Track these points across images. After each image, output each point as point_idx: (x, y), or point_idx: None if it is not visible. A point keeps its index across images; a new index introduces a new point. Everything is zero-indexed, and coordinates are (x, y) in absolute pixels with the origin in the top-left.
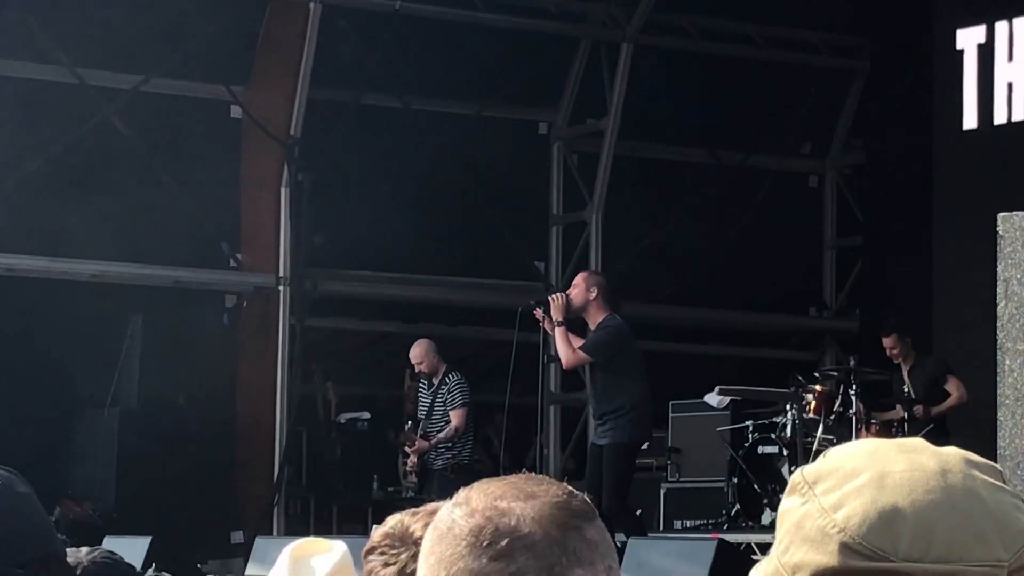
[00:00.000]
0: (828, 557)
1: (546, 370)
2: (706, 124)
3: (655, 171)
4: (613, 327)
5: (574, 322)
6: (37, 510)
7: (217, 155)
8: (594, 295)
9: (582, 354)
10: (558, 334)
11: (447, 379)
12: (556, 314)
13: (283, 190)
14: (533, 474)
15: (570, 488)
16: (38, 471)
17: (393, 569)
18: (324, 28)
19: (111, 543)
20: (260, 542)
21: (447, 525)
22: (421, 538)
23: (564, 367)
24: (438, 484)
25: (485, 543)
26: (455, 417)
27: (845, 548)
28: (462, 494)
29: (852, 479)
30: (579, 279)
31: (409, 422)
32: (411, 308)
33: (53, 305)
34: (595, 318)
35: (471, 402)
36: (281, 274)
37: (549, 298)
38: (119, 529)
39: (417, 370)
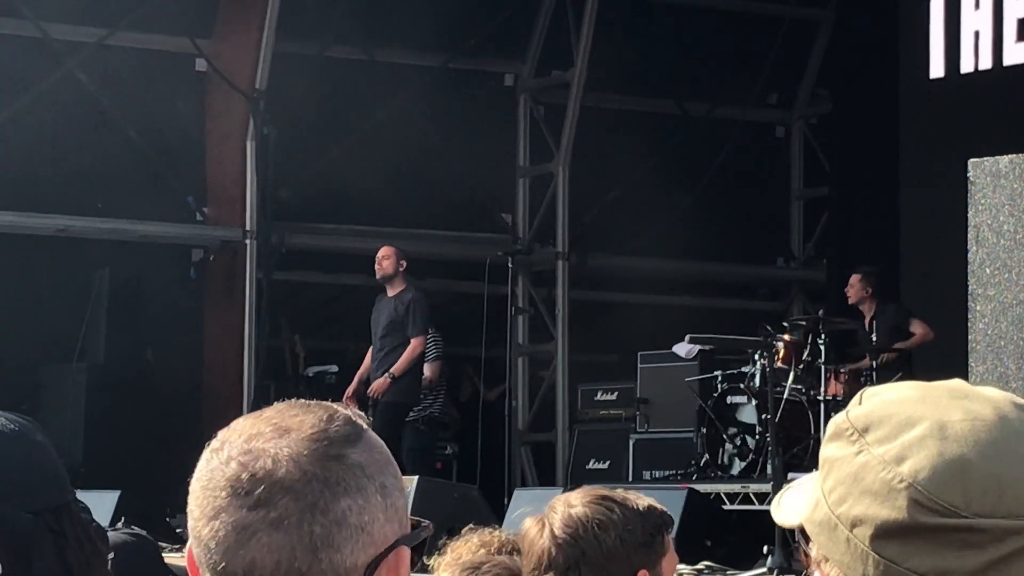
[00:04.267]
0: (896, 512)
1: (514, 322)
2: (672, 75)
3: (622, 122)
4: (423, 299)
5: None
6: (52, 461)
7: (182, 109)
8: (404, 267)
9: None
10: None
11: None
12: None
13: (249, 143)
14: (297, 401)
15: (333, 410)
16: None
17: None
18: None
19: (80, 497)
20: None
21: (207, 476)
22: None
23: (419, 351)
24: (411, 436)
25: (243, 492)
26: (429, 370)
27: (914, 503)
28: (220, 436)
29: (909, 428)
30: (391, 251)
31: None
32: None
33: (19, 260)
34: (397, 288)
35: (444, 356)
36: (247, 228)
37: (384, 263)
38: (87, 483)
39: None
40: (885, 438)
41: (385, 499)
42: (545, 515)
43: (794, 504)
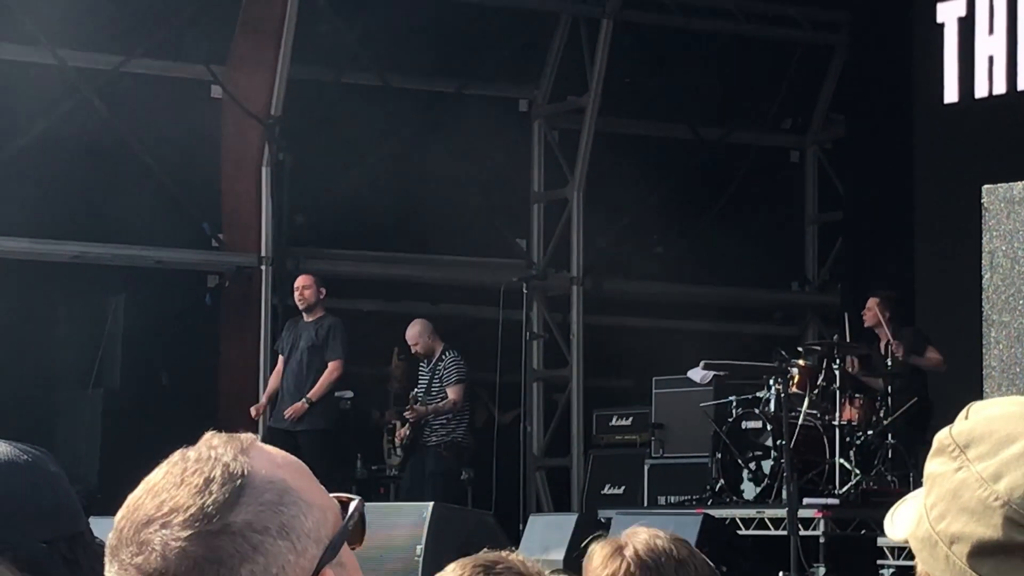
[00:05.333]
0: (992, 530)
1: (529, 347)
2: (687, 100)
3: (636, 147)
4: (342, 324)
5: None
6: (66, 490)
7: (198, 135)
8: (323, 295)
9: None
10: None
11: (444, 356)
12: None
13: (264, 169)
14: (183, 457)
15: (210, 467)
16: None
17: None
18: (304, 7)
19: (96, 524)
20: None
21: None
22: None
23: (337, 376)
24: (432, 461)
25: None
26: (452, 392)
27: (1009, 522)
28: (115, 525)
29: (1007, 445)
30: (310, 280)
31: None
32: (393, 286)
33: (35, 286)
34: (317, 314)
35: (468, 380)
36: (263, 254)
37: (305, 292)
38: (103, 509)
39: (413, 351)
40: (985, 455)
41: (289, 536)
42: (622, 539)
43: (903, 518)
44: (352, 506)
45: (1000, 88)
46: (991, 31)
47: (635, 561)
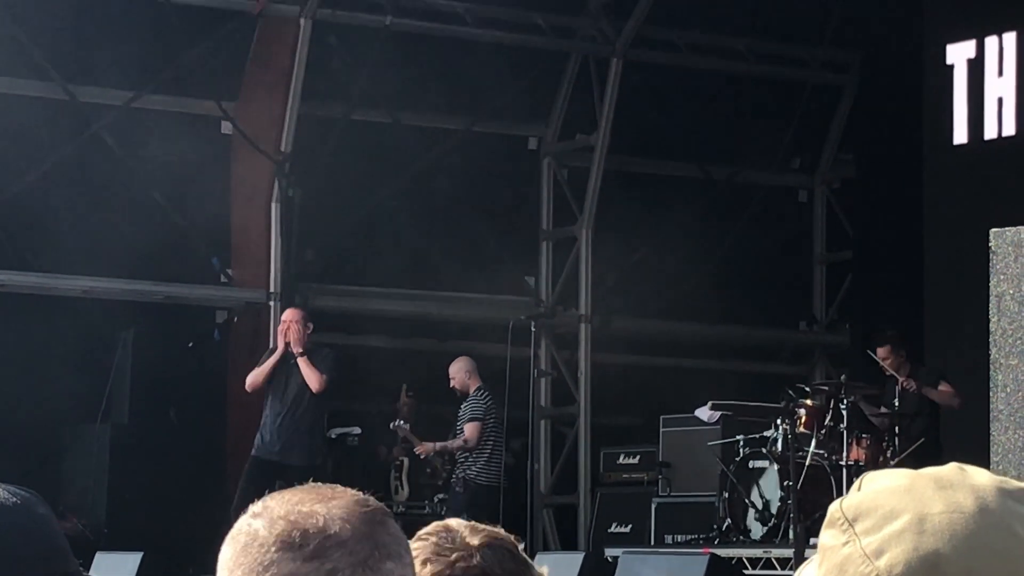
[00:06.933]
0: None
1: (536, 385)
2: (696, 139)
3: (645, 186)
4: (332, 352)
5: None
6: (56, 532)
7: (208, 171)
8: (311, 329)
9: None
10: (302, 362)
11: (474, 395)
12: (299, 346)
13: (274, 205)
14: (323, 484)
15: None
16: (29, 486)
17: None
18: (314, 44)
19: (102, 559)
20: None
21: (249, 536)
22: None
23: (317, 390)
24: (451, 498)
25: (295, 546)
26: (467, 430)
27: None
28: (259, 505)
29: (891, 521)
30: (296, 314)
31: (399, 422)
32: (401, 323)
33: (44, 321)
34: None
35: (491, 419)
36: (272, 289)
37: (292, 327)
38: (110, 544)
39: (451, 385)
40: (870, 529)
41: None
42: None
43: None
44: None
45: (1009, 130)
46: (1000, 73)
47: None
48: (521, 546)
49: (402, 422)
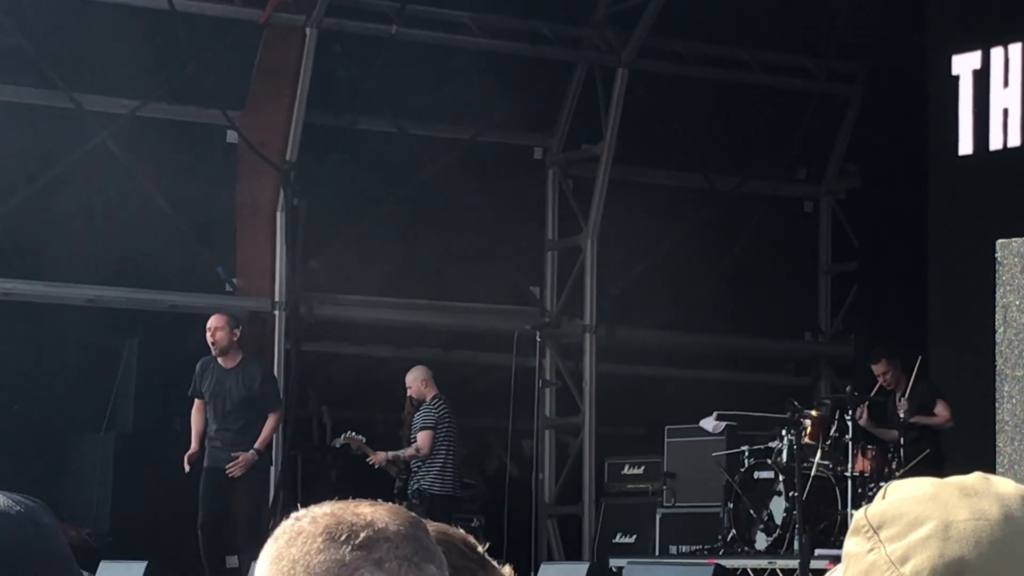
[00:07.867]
0: None
1: (541, 395)
2: (701, 149)
3: (650, 196)
4: (270, 370)
5: None
6: (60, 541)
7: (213, 180)
8: (237, 336)
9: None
10: (263, 439)
11: (429, 404)
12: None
13: (279, 215)
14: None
15: None
16: (34, 495)
17: None
18: (320, 53)
19: (107, 567)
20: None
21: (295, 530)
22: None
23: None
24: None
25: (343, 536)
26: (419, 439)
27: None
28: (302, 511)
29: (916, 528)
30: (222, 321)
31: (351, 432)
32: (406, 333)
33: (49, 329)
34: (235, 358)
35: (443, 427)
36: (277, 299)
37: (218, 333)
38: (115, 553)
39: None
40: (895, 536)
41: None
42: None
43: None
44: None
45: (1015, 140)
46: (1006, 84)
47: None
48: (483, 547)
49: (353, 433)
